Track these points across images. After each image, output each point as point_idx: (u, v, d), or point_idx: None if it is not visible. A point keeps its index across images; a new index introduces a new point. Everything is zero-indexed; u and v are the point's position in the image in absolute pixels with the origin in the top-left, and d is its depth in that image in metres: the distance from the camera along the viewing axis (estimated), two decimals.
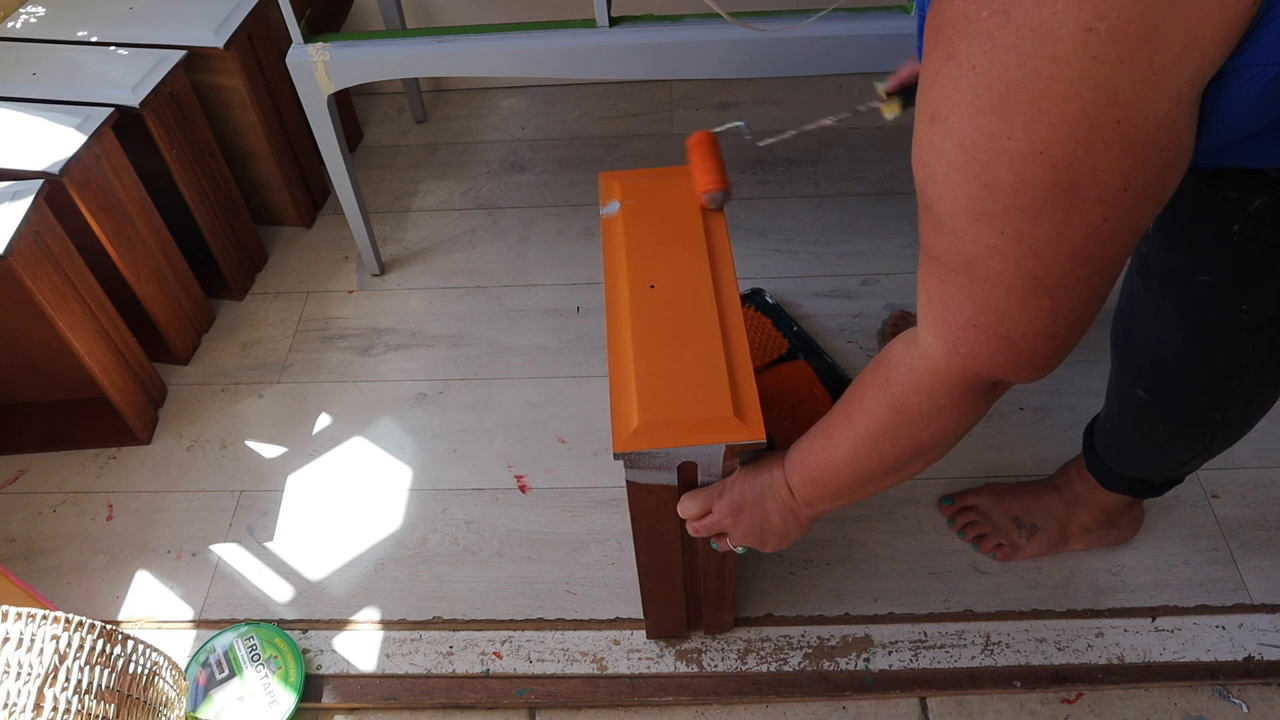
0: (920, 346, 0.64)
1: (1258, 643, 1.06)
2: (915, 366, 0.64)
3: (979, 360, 0.60)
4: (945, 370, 0.62)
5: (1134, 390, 0.91)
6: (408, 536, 1.22)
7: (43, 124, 1.22)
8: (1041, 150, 0.47)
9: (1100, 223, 0.50)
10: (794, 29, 1.10)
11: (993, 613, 1.10)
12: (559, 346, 1.43)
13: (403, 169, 1.75)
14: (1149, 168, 0.48)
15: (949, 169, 0.51)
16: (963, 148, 0.49)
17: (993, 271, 0.54)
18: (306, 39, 1.21)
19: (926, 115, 0.51)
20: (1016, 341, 0.58)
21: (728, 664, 1.08)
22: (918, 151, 0.54)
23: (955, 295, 0.58)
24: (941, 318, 0.60)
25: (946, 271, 0.57)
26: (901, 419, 0.67)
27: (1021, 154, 0.47)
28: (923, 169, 0.54)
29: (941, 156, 0.51)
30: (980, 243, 0.53)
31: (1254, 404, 0.87)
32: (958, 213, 0.53)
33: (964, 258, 0.55)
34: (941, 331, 0.61)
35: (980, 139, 0.48)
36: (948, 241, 0.55)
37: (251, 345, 1.47)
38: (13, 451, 1.35)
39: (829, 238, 1.54)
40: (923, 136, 0.52)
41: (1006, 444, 1.25)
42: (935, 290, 0.60)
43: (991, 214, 0.51)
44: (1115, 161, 0.47)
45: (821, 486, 0.77)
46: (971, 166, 0.50)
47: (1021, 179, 0.48)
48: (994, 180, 0.49)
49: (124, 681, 0.82)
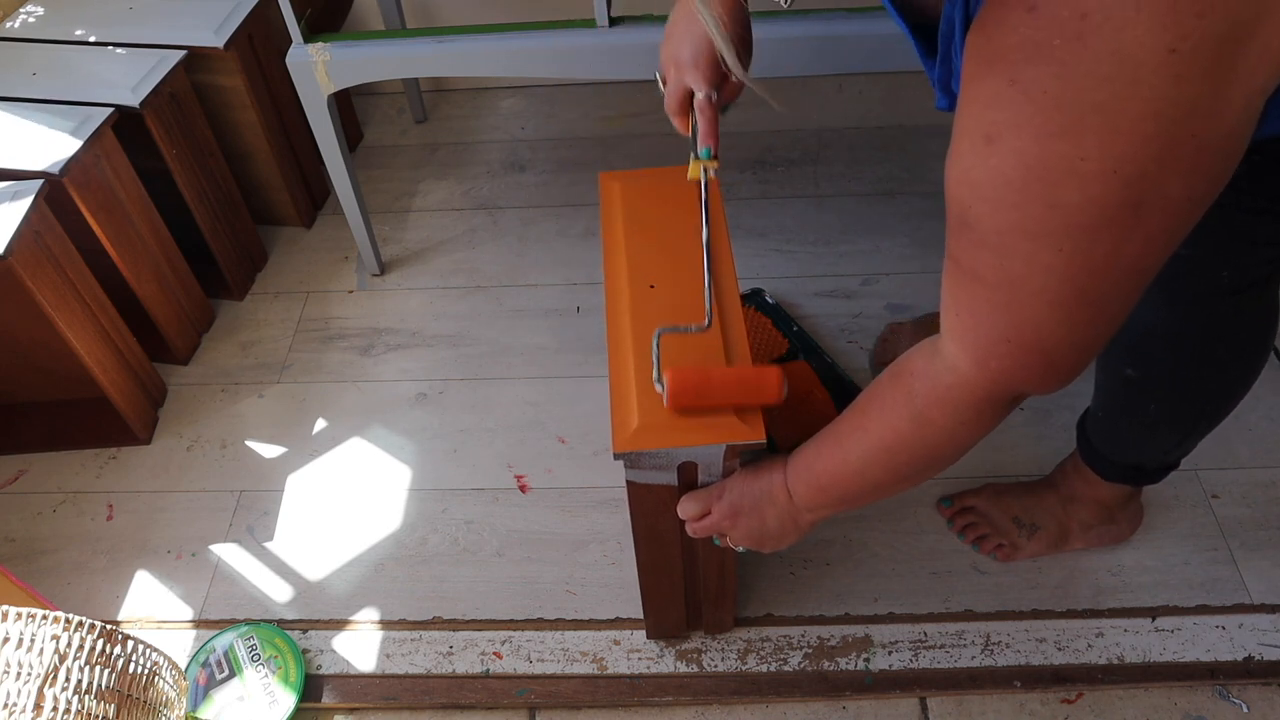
0: (946, 360, 0.64)
1: (1258, 643, 1.06)
2: (941, 380, 0.65)
3: (1010, 375, 0.60)
4: (973, 384, 0.63)
5: (1122, 370, 0.91)
6: (408, 536, 1.22)
7: (43, 124, 1.22)
8: (1115, 170, 0.47)
9: (1159, 234, 0.51)
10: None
11: (993, 613, 1.10)
12: (559, 346, 1.43)
13: (403, 169, 1.75)
14: (1213, 176, 0.49)
15: (1007, 189, 0.51)
16: (1027, 169, 0.50)
17: (1040, 288, 0.54)
18: (306, 39, 1.21)
19: (979, 137, 0.51)
20: (1051, 354, 0.58)
21: (728, 664, 1.08)
22: (963, 171, 0.54)
23: (989, 310, 0.58)
24: (972, 332, 0.60)
25: (983, 288, 0.57)
26: (923, 432, 0.68)
27: (1093, 174, 0.48)
28: (969, 189, 0.54)
29: (999, 176, 0.51)
30: (1033, 261, 0.53)
31: (1239, 373, 0.89)
32: (1009, 231, 0.53)
33: (1007, 275, 0.55)
34: (972, 345, 0.61)
35: (1049, 160, 0.49)
36: (989, 258, 0.55)
37: (251, 345, 1.47)
38: (13, 451, 1.35)
39: (829, 238, 1.54)
40: (974, 158, 0.53)
41: (1006, 444, 1.25)
42: (965, 305, 0.60)
43: (1050, 233, 0.51)
44: (1184, 174, 0.47)
45: (827, 493, 0.77)
46: (1035, 187, 0.50)
47: (1090, 198, 0.49)
48: (1058, 200, 0.49)
49: (124, 681, 0.82)
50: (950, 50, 0.60)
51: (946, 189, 0.57)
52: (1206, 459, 1.20)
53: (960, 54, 0.56)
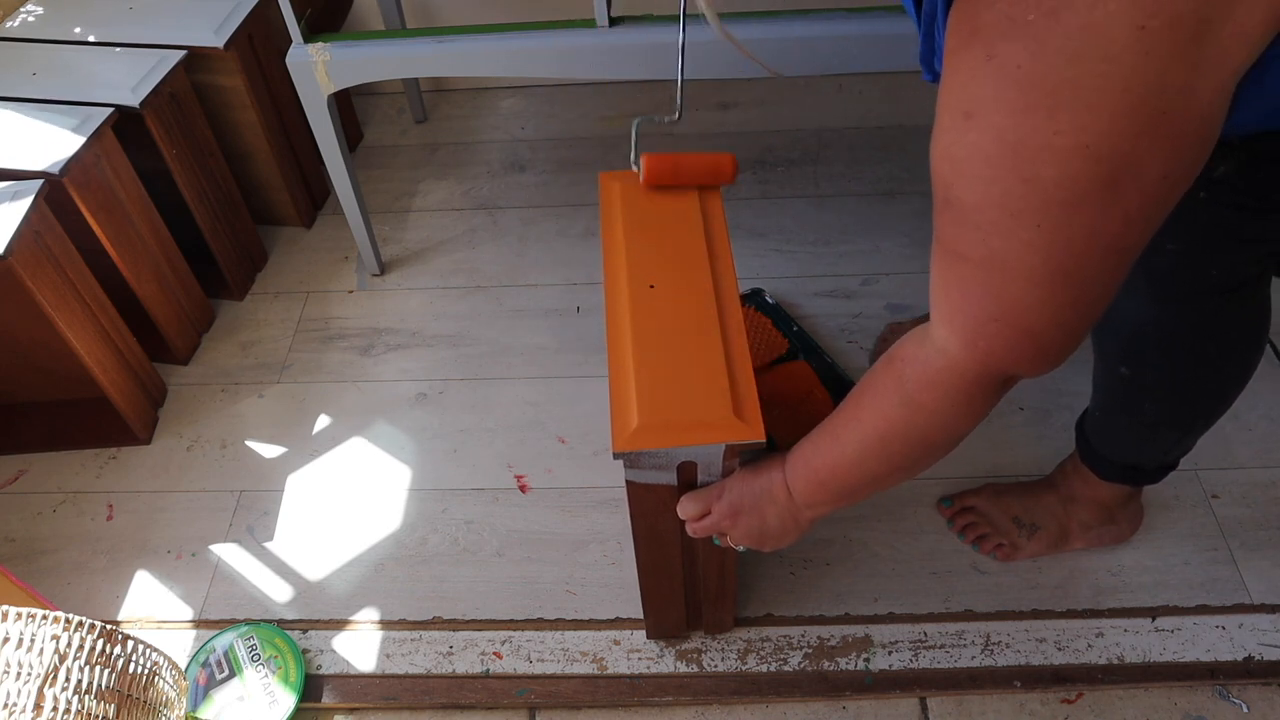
0: (935, 343, 0.63)
1: (1258, 643, 1.06)
2: (931, 363, 0.64)
3: (998, 355, 0.60)
4: (962, 366, 0.62)
5: (1117, 369, 0.91)
6: (408, 536, 1.22)
7: (43, 124, 1.22)
8: (1088, 144, 0.47)
9: (1136, 213, 0.51)
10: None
11: (993, 613, 1.10)
12: (559, 346, 1.43)
13: (403, 169, 1.75)
14: (1188, 156, 0.49)
15: (984, 164, 0.51)
16: (1003, 144, 0.50)
17: (1022, 265, 0.54)
18: (306, 39, 1.21)
19: (959, 113, 0.52)
20: (1038, 335, 0.58)
21: (728, 664, 1.08)
22: (945, 147, 0.54)
23: (975, 290, 0.58)
24: (960, 312, 0.60)
25: (967, 266, 0.57)
26: (915, 417, 0.67)
27: (1067, 149, 0.48)
28: (949, 165, 0.54)
29: (977, 152, 0.51)
30: (1013, 237, 0.53)
31: (1233, 371, 0.89)
32: (989, 207, 0.53)
33: (989, 252, 0.55)
34: (960, 326, 0.60)
35: (1024, 135, 0.49)
36: (972, 235, 0.55)
37: (251, 345, 1.47)
38: (13, 451, 1.35)
39: (829, 238, 1.54)
40: (953, 133, 0.53)
41: (1006, 444, 1.25)
42: (953, 285, 0.60)
43: (1029, 209, 0.51)
44: (1159, 153, 0.48)
45: (826, 488, 0.77)
46: (1011, 162, 0.50)
47: (1065, 174, 0.49)
48: (1034, 175, 0.50)
49: (124, 681, 0.82)
50: (933, 28, 0.60)
51: (931, 167, 0.57)
52: (1206, 459, 1.21)
53: (943, 31, 0.56)
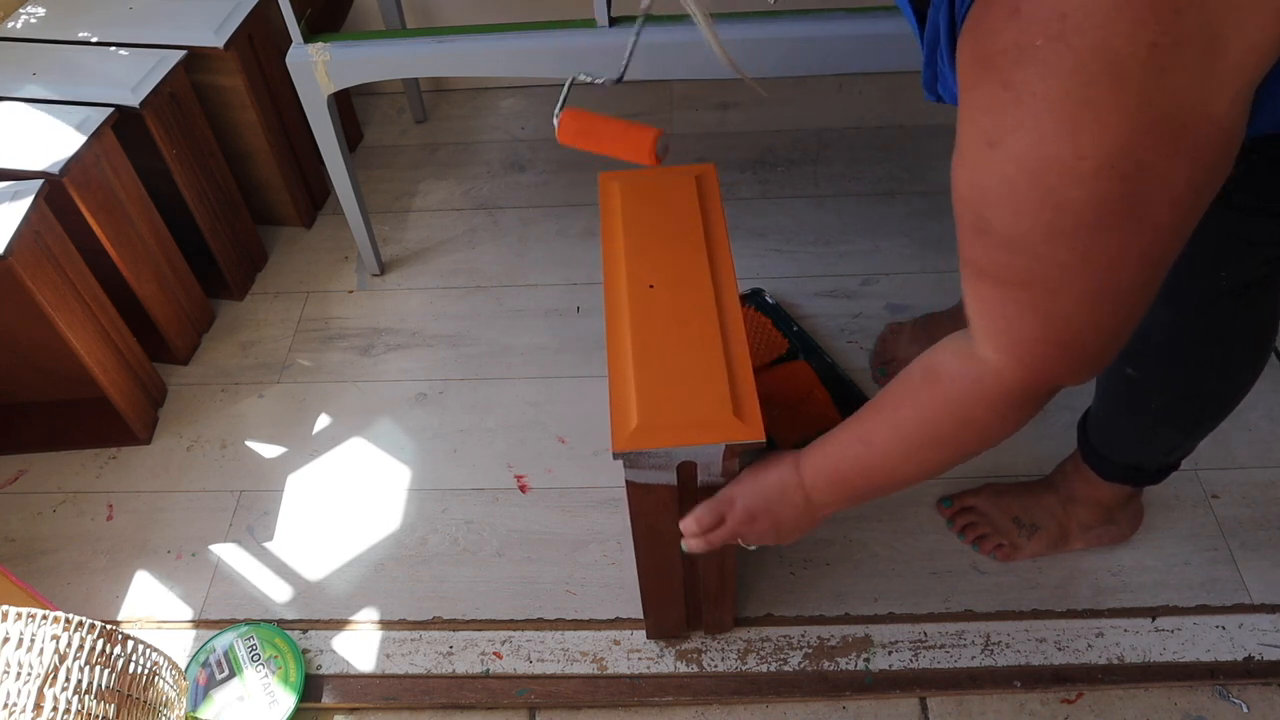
0: (985, 363, 0.65)
1: (1258, 643, 1.06)
2: (982, 381, 0.66)
3: (1049, 370, 0.62)
4: (1015, 383, 0.64)
5: (1123, 370, 0.92)
6: (408, 536, 1.22)
7: (43, 124, 1.22)
8: (1112, 165, 0.48)
9: (1167, 223, 0.51)
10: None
11: (993, 613, 1.10)
12: (559, 346, 1.43)
13: (403, 169, 1.75)
14: (1212, 165, 0.49)
15: (1014, 193, 0.52)
16: (1029, 172, 0.50)
17: (1062, 285, 0.55)
18: (306, 39, 1.21)
19: (982, 143, 0.52)
20: (1085, 347, 0.60)
21: (728, 664, 1.08)
22: (973, 177, 0.55)
23: (1017, 311, 0.59)
24: (1005, 334, 0.61)
25: (1007, 289, 0.58)
26: (963, 431, 0.70)
27: (1092, 171, 0.48)
28: (978, 194, 0.55)
29: (1005, 181, 0.52)
30: (1051, 260, 0.54)
31: (1239, 373, 0.89)
32: (1023, 234, 0.54)
33: (1028, 275, 0.56)
34: (1008, 346, 0.62)
35: (1049, 161, 0.49)
36: (1009, 260, 0.56)
37: (251, 345, 1.47)
38: (13, 451, 1.35)
39: (829, 238, 1.54)
40: (980, 163, 0.53)
41: (1007, 444, 1.23)
42: (994, 308, 0.61)
43: (1062, 233, 0.52)
44: (1183, 165, 0.48)
45: (851, 487, 0.78)
46: (1040, 189, 0.50)
47: (1093, 195, 0.49)
48: (1064, 200, 0.50)
49: (124, 681, 0.82)
50: (935, 55, 0.61)
51: (955, 194, 0.57)
52: (1206, 459, 1.20)
53: (946, 60, 0.56)
